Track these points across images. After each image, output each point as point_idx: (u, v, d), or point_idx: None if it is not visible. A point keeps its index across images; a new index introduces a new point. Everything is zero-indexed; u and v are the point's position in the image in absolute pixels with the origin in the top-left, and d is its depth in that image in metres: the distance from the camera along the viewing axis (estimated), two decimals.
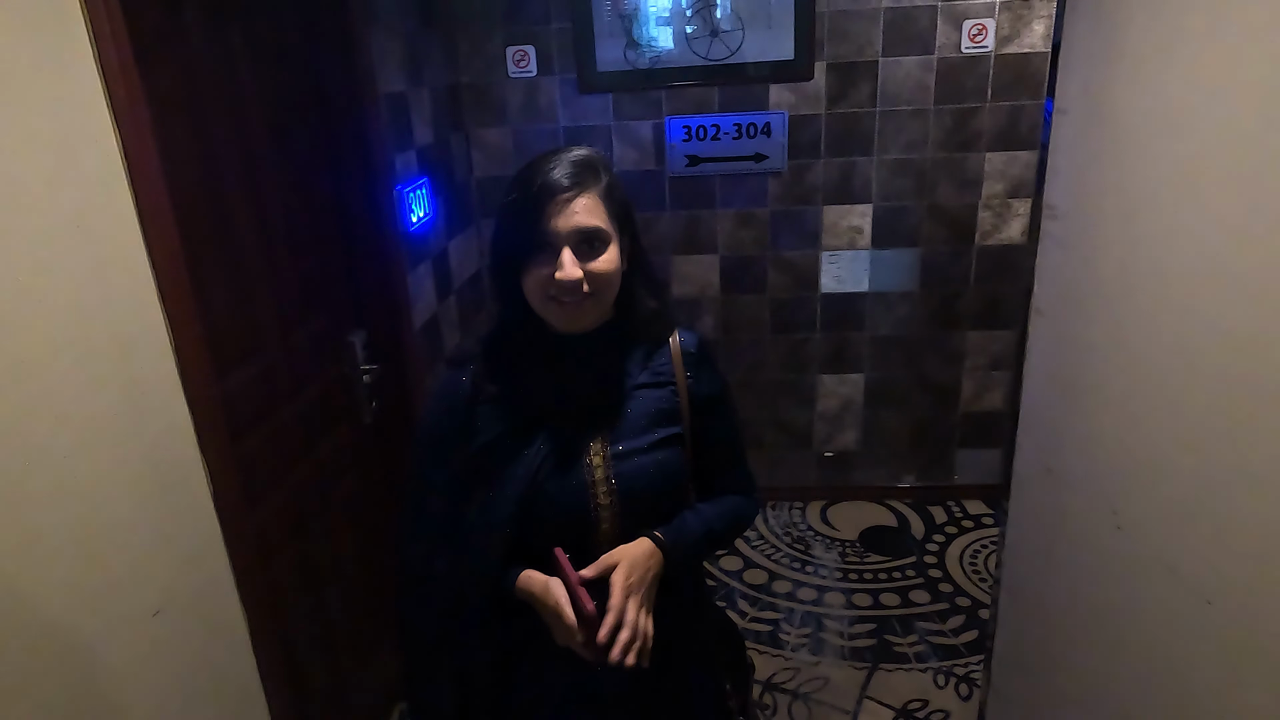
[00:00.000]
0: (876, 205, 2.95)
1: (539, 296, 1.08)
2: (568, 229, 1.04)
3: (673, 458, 1.18)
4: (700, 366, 1.22)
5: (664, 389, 1.19)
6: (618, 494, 1.14)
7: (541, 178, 1.05)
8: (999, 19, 2.70)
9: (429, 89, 2.55)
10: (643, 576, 1.10)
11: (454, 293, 2.70)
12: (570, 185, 1.04)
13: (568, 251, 1.04)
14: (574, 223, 1.04)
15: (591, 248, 1.06)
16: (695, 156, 2.92)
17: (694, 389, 1.21)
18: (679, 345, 1.22)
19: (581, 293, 1.06)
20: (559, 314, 1.09)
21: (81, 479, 1.11)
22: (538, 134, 2.94)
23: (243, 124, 1.65)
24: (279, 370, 1.77)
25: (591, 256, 1.06)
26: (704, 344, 1.25)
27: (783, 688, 2.37)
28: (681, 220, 3.01)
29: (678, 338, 1.22)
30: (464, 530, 1.15)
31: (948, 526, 3.13)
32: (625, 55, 2.82)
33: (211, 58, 1.56)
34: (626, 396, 1.17)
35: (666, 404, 1.19)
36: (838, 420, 3.26)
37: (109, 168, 1.16)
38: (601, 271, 1.07)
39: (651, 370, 1.20)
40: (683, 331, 1.24)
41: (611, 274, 1.09)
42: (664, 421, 1.18)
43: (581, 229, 1.04)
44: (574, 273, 1.03)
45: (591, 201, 1.06)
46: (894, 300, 3.07)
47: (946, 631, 2.57)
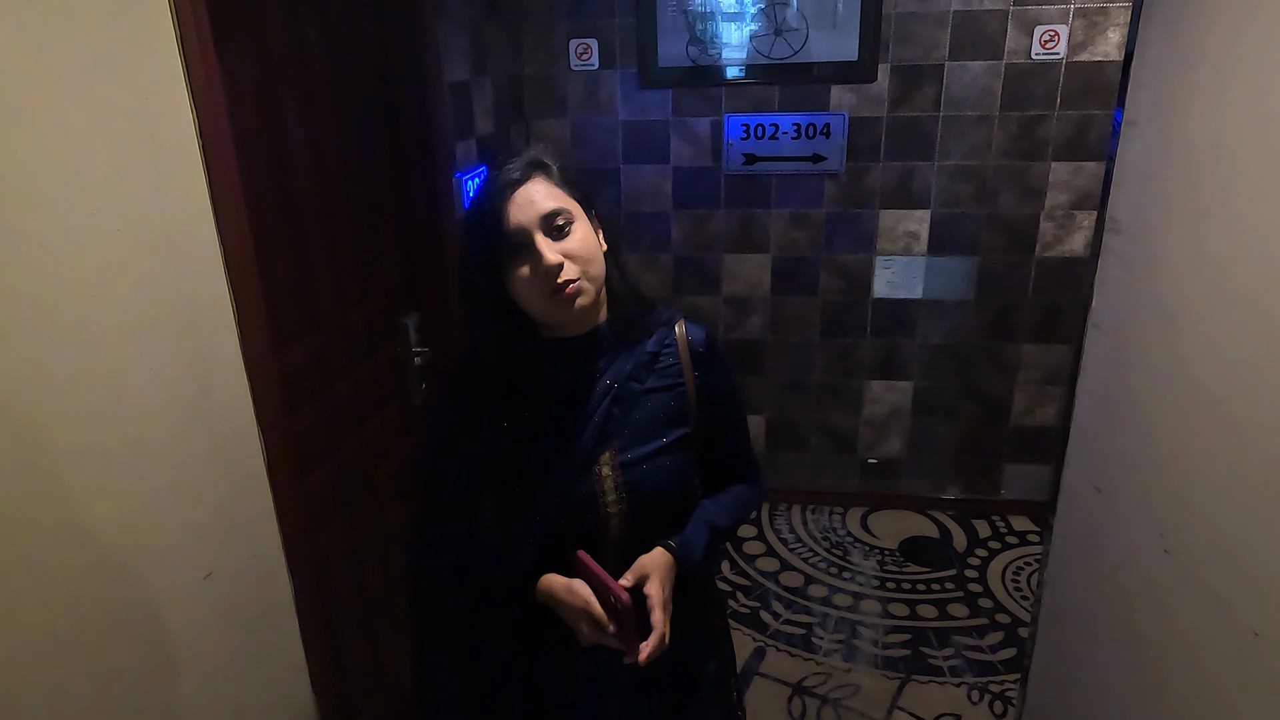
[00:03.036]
0: (935, 211, 2.91)
1: (537, 298, 1.05)
2: (530, 218, 1.03)
3: (681, 460, 1.17)
4: (709, 364, 1.20)
5: (672, 390, 1.17)
6: (627, 501, 1.13)
7: (495, 182, 1.06)
8: (1072, 25, 2.63)
9: (491, 79, 2.59)
10: (669, 589, 1.11)
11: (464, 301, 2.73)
12: (521, 177, 1.05)
13: (540, 238, 1.03)
14: (535, 210, 1.03)
15: (561, 231, 1.05)
16: (752, 155, 2.91)
17: (703, 387, 1.19)
18: (686, 343, 1.19)
19: (573, 275, 1.04)
20: (565, 307, 1.06)
21: (145, 444, 1.17)
22: (596, 127, 2.96)
23: (311, 108, 1.70)
24: (335, 348, 1.82)
25: (563, 237, 1.05)
26: (712, 340, 1.22)
27: (813, 692, 2.36)
28: (735, 218, 3.00)
29: (684, 333, 1.19)
30: (480, 533, 1.18)
31: (991, 541, 3.07)
32: (687, 51, 2.82)
33: (285, 43, 1.61)
34: (634, 402, 1.15)
35: (675, 406, 1.17)
36: (884, 427, 3.22)
37: (185, 146, 1.21)
38: (578, 250, 1.05)
39: (659, 373, 1.17)
40: (690, 325, 1.21)
41: (591, 249, 1.07)
42: (673, 424, 1.17)
43: (543, 213, 1.04)
44: (554, 257, 1.02)
45: (544, 186, 1.06)
46: (948, 308, 3.02)
47: (984, 647, 2.52)
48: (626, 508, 1.14)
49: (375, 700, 2.03)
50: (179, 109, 1.20)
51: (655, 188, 3.00)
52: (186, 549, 1.26)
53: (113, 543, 1.12)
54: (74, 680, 1.06)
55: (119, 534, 1.13)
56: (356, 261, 1.90)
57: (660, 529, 1.16)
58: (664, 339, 1.18)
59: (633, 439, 1.14)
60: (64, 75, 1.01)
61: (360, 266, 1.92)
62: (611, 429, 1.14)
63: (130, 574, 1.15)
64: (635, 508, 1.14)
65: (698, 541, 1.18)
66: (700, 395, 1.18)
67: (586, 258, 1.05)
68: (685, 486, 1.20)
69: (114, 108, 1.08)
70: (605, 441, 1.13)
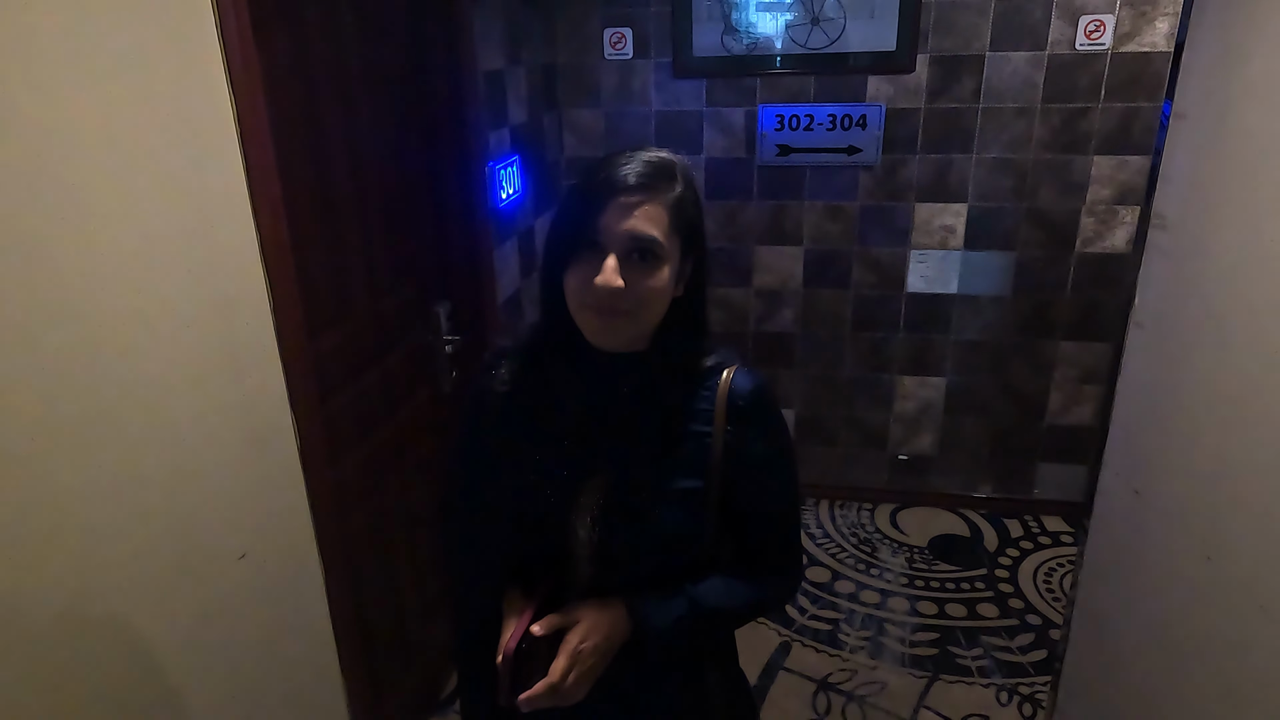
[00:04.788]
0: (972, 205, 2.86)
1: (575, 300, 0.95)
2: (619, 232, 0.91)
3: (681, 519, 1.01)
4: (748, 420, 1.02)
5: (696, 438, 1.01)
6: (598, 546, 1.00)
7: (607, 171, 0.93)
8: (1119, 15, 2.56)
9: (525, 68, 2.59)
10: (597, 645, 0.96)
11: (537, 270, 2.74)
12: (635, 185, 0.92)
13: (612, 258, 0.91)
14: (628, 227, 0.91)
15: (643, 260, 0.92)
16: (787, 146, 2.88)
17: (734, 445, 1.01)
18: (727, 389, 1.02)
19: (617, 307, 0.93)
20: (590, 324, 0.96)
21: (182, 427, 1.19)
22: (630, 117, 2.95)
23: (347, 96, 1.71)
24: (367, 334, 1.84)
25: (640, 271, 0.92)
26: (761, 393, 1.04)
27: (838, 688, 2.34)
28: (768, 210, 2.98)
29: (729, 379, 1.03)
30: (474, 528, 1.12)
31: (1023, 541, 3.02)
32: (722, 41, 2.80)
33: (321, 31, 1.62)
34: (648, 436, 1.01)
35: (693, 454, 1.01)
36: (915, 423, 3.18)
37: (223, 132, 1.22)
38: (644, 290, 0.93)
39: (689, 411, 1.02)
40: (741, 375, 1.03)
41: (654, 297, 0.94)
42: (684, 473, 1.01)
43: (635, 236, 0.91)
44: (613, 280, 0.90)
45: (656, 210, 0.92)
46: (983, 304, 2.97)
47: (1013, 648, 2.49)
48: (598, 553, 1.00)
49: (402, 679, 2.05)
50: (218, 95, 1.21)
51: None
52: (221, 531, 1.28)
53: (149, 527, 1.14)
54: (112, 656, 1.09)
55: (156, 518, 1.15)
56: (389, 249, 1.92)
57: (639, 589, 1.01)
58: (706, 381, 1.03)
59: (631, 476, 1.00)
60: (106, 64, 1.02)
61: (392, 254, 1.93)
62: (613, 455, 1.01)
63: (166, 556, 1.17)
64: (608, 556, 1.00)
65: (668, 610, 1.00)
66: (728, 454, 1.01)
67: (644, 302, 0.94)
68: (678, 550, 1.02)
69: (155, 96, 1.10)
70: (599, 466, 1.00)
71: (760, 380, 1.05)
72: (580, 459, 1.01)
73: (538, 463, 1.02)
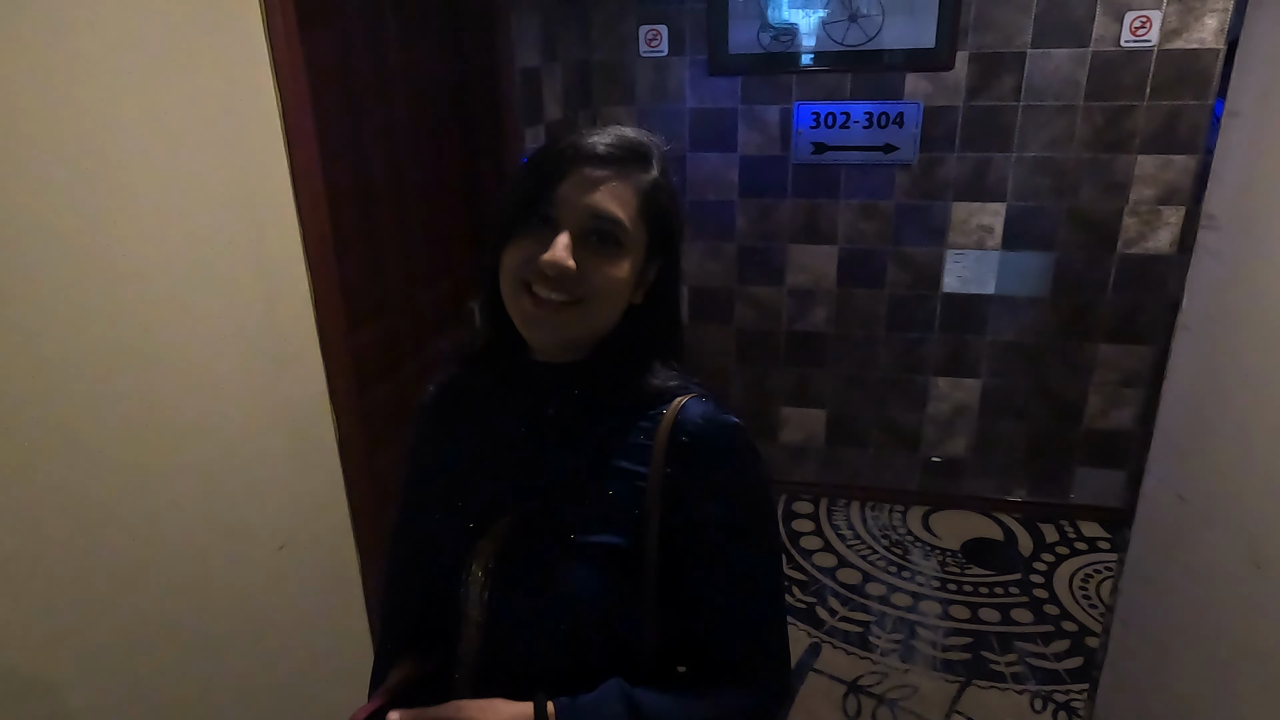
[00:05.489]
0: (1010, 204, 2.82)
1: (512, 280, 0.77)
2: (578, 205, 0.75)
3: (594, 584, 0.76)
4: (695, 464, 0.78)
5: (624, 477, 0.79)
6: (489, 609, 0.78)
7: (572, 139, 0.78)
8: (1166, 11, 2.51)
9: (561, 65, 2.60)
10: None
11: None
12: (604, 156, 0.76)
13: (565, 234, 0.75)
14: (589, 201, 0.75)
15: (602, 244, 0.76)
16: (822, 144, 2.86)
17: (674, 495, 0.78)
18: (672, 419, 0.79)
19: (565, 289, 0.75)
20: (526, 310, 0.77)
21: (225, 419, 1.21)
22: (664, 114, 2.95)
23: (386, 93, 1.73)
24: (403, 329, 1.86)
25: (597, 255, 0.76)
26: (718, 429, 0.80)
27: (869, 691, 2.33)
28: (802, 208, 2.96)
29: (677, 408, 0.80)
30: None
31: (1059, 546, 2.98)
32: (758, 38, 2.78)
33: (363, 28, 1.63)
34: (569, 470, 0.81)
35: (619, 500, 0.78)
36: (949, 425, 3.15)
37: (269, 129, 1.24)
38: (599, 278, 0.76)
39: (621, 444, 0.80)
40: (697, 402, 0.81)
41: (609, 289, 0.77)
42: (603, 524, 0.78)
43: (597, 213, 0.75)
44: (563, 259, 0.73)
45: (624, 189, 0.77)
46: (1021, 305, 2.93)
47: (1049, 655, 2.45)
48: (486, 628, 0.78)
49: None
50: (264, 92, 1.23)
51: (721, 176, 2.97)
52: (262, 523, 1.30)
53: (192, 518, 1.16)
54: (150, 646, 1.11)
55: (198, 507, 1.17)
56: (425, 245, 1.93)
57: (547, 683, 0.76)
58: (651, 409, 0.81)
59: (539, 524, 0.79)
60: (158, 62, 1.04)
61: (429, 250, 1.95)
62: (519, 495, 0.81)
63: (208, 547, 1.19)
64: (497, 632, 0.78)
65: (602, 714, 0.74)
66: (666, 505, 0.78)
67: (599, 292, 0.77)
68: (590, 624, 0.77)
69: (204, 94, 1.12)
70: (501, 510, 0.80)
71: (719, 414, 0.80)
72: (488, 495, 0.81)
73: (443, 497, 0.84)
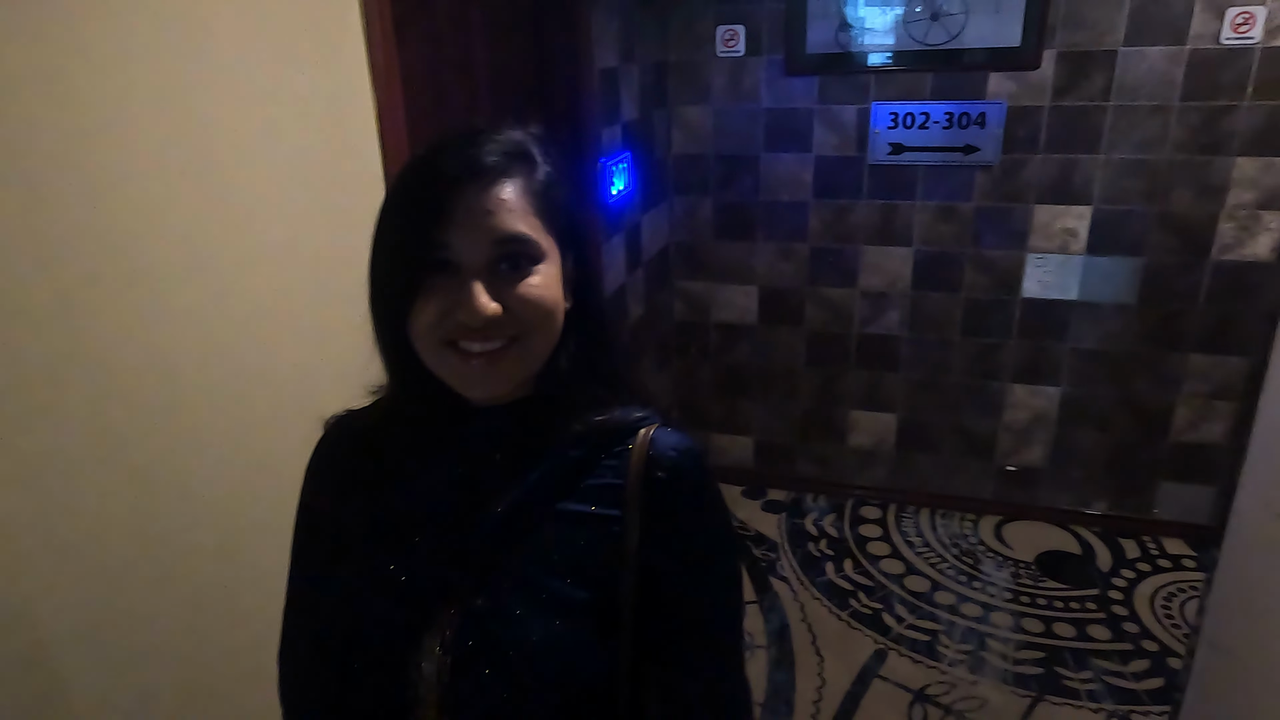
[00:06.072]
0: (1097, 208, 2.73)
1: (431, 342, 0.69)
2: (475, 238, 0.66)
3: (571, 646, 0.71)
4: (675, 502, 0.73)
5: (593, 524, 0.73)
6: (449, 687, 0.70)
7: (441, 161, 0.69)
8: (1271, 8, 2.39)
9: (639, 65, 2.62)
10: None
11: (642, 265, 2.78)
12: (485, 170, 0.67)
13: (478, 274, 0.67)
14: (486, 228, 0.66)
15: (515, 267, 0.68)
16: (899, 145, 2.82)
17: (652, 537, 0.72)
18: (644, 455, 0.73)
19: (500, 334, 0.68)
20: (460, 371, 0.69)
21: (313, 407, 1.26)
22: (739, 114, 2.95)
23: (472, 92, 1.78)
24: None
25: (515, 280, 0.68)
26: (694, 462, 0.75)
27: (936, 701, 2.29)
28: (877, 210, 2.92)
29: (648, 441, 0.74)
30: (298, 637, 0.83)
31: (1140, 563, 2.87)
32: (836, 38, 2.76)
33: (452, 28, 1.69)
34: (523, 523, 0.73)
35: (589, 548, 0.72)
36: (1025, 434, 3.06)
37: (364, 128, 1.30)
38: (530, 305, 0.68)
39: (584, 493, 0.74)
40: (666, 433, 0.75)
41: (545, 311, 0.69)
42: (574, 575, 0.72)
43: (499, 238, 0.67)
44: (485, 307, 0.65)
45: (517, 199, 0.68)
46: (1105, 312, 2.83)
47: (1127, 674, 2.37)
48: (448, 695, 0.70)
49: None
50: (361, 93, 1.28)
51: (795, 177, 2.95)
52: None
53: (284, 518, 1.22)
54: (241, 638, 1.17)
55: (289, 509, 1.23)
56: None
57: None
58: (614, 444, 0.75)
59: (499, 587, 0.71)
60: (266, 66, 1.10)
61: None
62: (471, 558, 0.72)
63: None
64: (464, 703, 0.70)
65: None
66: (645, 550, 0.72)
67: (537, 315, 0.69)
68: (566, 687, 0.71)
69: (306, 96, 1.17)
70: (452, 577, 0.72)
71: (687, 443, 0.75)
72: (432, 562, 0.73)
73: (370, 567, 0.74)
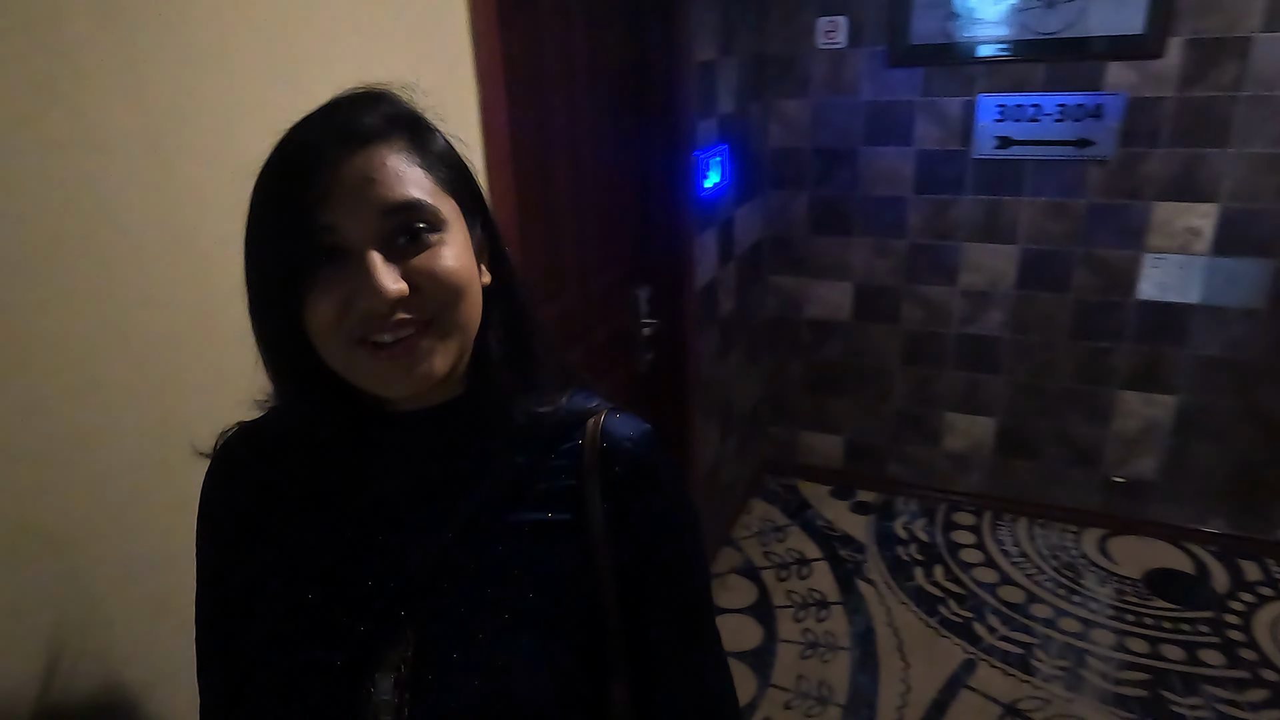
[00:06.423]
0: (1224, 206, 2.55)
1: (334, 341, 0.60)
2: (363, 210, 0.58)
3: (535, 669, 0.63)
4: (633, 492, 0.67)
5: (552, 531, 0.66)
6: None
7: (309, 135, 0.60)
8: None
9: (737, 57, 2.61)
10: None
11: (734, 259, 2.76)
12: (361, 136, 0.59)
13: (372, 254, 0.58)
14: (373, 198, 0.58)
15: (415, 241, 0.60)
16: (1007, 138, 2.71)
17: (617, 536, 0.66)
18: (597, 449, 0.67)
19: (413, 318, 0.60)
20: (373, 368, 0.61)
21: None
22: (837, 108, 2.89)
23: (569, 84, 1.81)
24: (575, 313, 1.94)
25: (419, 254, 0.60)
26: (651, 448, 0.69)
27: (1028, 716, 2.20)
28: (981, 206, 2.81)
29: (598, 433, 0.68)
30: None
31: (1261, 587, 2.68)
32: (943, 27, 2.67)
33: (552, 23, 1.72)
34: (475, 544, 0.65)
35: (549, 557, 0.66)
36: (1136, 444, 2.90)
37: (467, 120, 1.34)
38: (441, 271, 0.60)
39: (538, 497, 0.67)
40: (615, 421, 0.69)
41: (461, 277, 0.61)
42: (537, 589, 0.65)
43: (388, 206, 0.59)
44: (388, 287, 0.57)
45: (402, 165, 0.60)
46: (1231, 317, 2.65)
47: (1242, 704, 2.22)
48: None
49: None
50: (465, 86, 1.32)
51: (895, 171, 2.88)
52: None
53: None
54: None
55: None
56: (598, 232, 2.01)
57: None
58: (561, 439, 0.69)
59: (452, 620, 0.64)
60: (376, 59, 1.15)
61: (601, 237, 2.03)
62: (415, 591, 0.64)
63: None
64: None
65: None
66: (613, 546, 0.66)
67: (451, 291, 0.61)
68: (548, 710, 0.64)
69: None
70: (400, 625, 0.63)
71: (644, 428, 0.70)
72: (376, 598, 0.64)
73: (305, 620, 0.65)
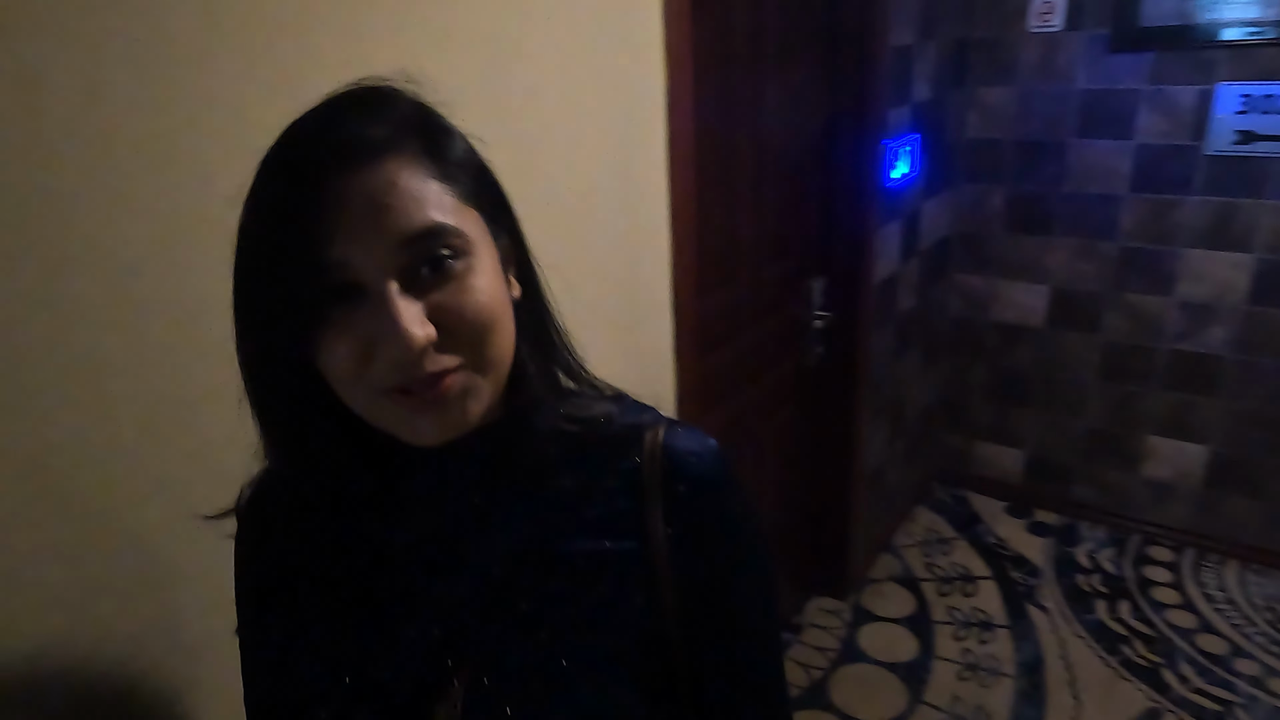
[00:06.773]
0: None
1: (360, 392, 0.54)
2: (376, 243, 0.51)
3: (608, 711, 0.59)
4: (699, 513, 0.61)
5: (610, 561, 0.60)
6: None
7: (300, 152, 0.52)
8: None
9: (936, 43, 2.47)
10: None
11: (917, 254, 2.63)
12: (363, 150, 0.51)
13: (393, 294, 0.51)
14: (387, 227, 0.51)
15: (437, 270, 0.53)
16: (1250, 133, 2.39)
17: (682, 557, 0.61)
18: (660, 467, 0.61)
19: (450, 364, 0.53)
20: (408, 419, 0.55)
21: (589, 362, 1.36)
22: (1047, 96, 2.67)
23: (757, 68, 1.79)
24: (746, 301, 1.93)
25: (443, 287, 0.53)
26: (714, 468, 0.63)
27: None
28: (1211, 208, 2.51)
29: (659, 448, 0.62)
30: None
31: None
32: (1181, 8, 2.39)
33: (742, 8, 1.70)
34: (525, 582, 0.60)
35: (611, 592, 0.60)
36: None
37: (653, 106, 1.36)
38: (472, 309, 0.53)
39: (590, 522, 0.61)
40: (677, 435, 0.63)
41: (493, 311, 0.55)
42: (597, 629, 0.60)
43: (407, 236, 0.51)
44: (417, 335, 0.50)
45: (418, 177, 0.52)
46: None
47: None
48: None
49: None
50: (653, 71, 1.34)
51: (1109, 167, 2.62)
52: None
53: None
54: None
55: None
56: (776, 220, 1.98)
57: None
58: (617, 457, 0.63)
59: (508, 666, 0.59)
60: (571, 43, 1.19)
61: (778, 225, 2.00)
62: (466, 635, 0.60)
63: None
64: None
65: None
66: (679, 574, 0.61)
67: (486, 327, 0.54)
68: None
69: (603, 71, 1.25)
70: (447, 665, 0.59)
71: (711, 443, 0.64)
72: (420, 651, 0.60)
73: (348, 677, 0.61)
